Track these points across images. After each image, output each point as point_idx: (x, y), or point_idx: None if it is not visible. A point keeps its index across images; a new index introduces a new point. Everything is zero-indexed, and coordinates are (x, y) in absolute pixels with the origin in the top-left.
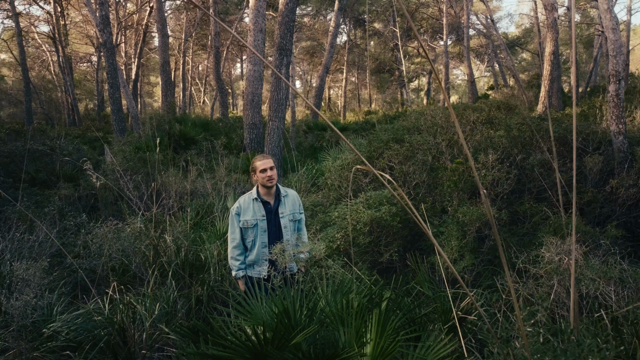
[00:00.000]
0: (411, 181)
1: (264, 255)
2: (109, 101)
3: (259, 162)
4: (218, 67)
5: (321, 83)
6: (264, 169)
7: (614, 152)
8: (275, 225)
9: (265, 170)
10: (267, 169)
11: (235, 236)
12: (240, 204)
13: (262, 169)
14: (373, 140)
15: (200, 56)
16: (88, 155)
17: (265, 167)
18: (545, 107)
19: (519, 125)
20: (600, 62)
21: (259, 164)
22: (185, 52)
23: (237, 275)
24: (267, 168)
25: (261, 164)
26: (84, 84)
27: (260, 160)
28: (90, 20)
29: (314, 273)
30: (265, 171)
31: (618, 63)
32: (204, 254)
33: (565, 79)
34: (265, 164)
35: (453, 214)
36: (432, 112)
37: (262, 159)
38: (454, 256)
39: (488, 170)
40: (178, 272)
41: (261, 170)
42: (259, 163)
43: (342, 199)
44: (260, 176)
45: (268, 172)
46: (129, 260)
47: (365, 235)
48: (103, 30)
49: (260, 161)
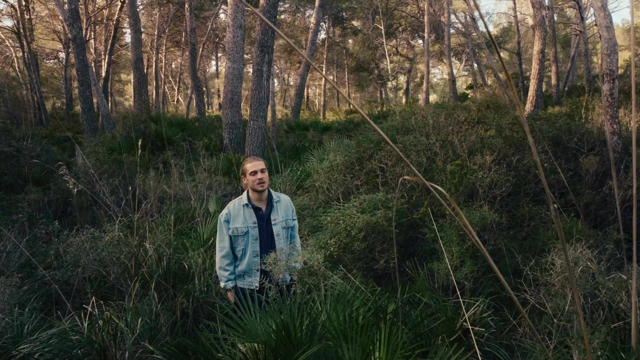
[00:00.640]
0: (405, 183)
1: (255, 265)
2: (78, 99)
3: (249, 164)
4: (194, 64)
5: (302, 81)
6: (255, 172)
7: (609, 153)
8: (267, 232)
9: (255, 173)
10: (257, 172)
11: (224, 245)
12: (230, 210)
13: (252, 171)
14: (362, 141)
15: (173, 53)
16: (58, 156)
17: (255, 170)
18: (534, 106)
19: (511, 125)
20: (576, 61)
21: (249, 166)
22: (158, 49)
23: (227, 286)
24: (257, 170)
25: (251, 166)
26: (50, 81)
27: (250, 163)
28: (57, 14)
29: (311, 283)
30: (256, 174)
31: (612, 62)
32: (188, 262)
33: (544, 78)
34: (255, 166)
35: (451, 218)
36: (424, 112)
37: (253, 161)
38: (455, 262)
39: (485, 171)
40: (160, 282)
41: (251, 172)
42: (249, 165)
43: (330, 202)
44: (251, 179)
45: (259, 175)
46: (107, 271)
47: (360, 242)
48: (72, 25)
49: (251, 163)
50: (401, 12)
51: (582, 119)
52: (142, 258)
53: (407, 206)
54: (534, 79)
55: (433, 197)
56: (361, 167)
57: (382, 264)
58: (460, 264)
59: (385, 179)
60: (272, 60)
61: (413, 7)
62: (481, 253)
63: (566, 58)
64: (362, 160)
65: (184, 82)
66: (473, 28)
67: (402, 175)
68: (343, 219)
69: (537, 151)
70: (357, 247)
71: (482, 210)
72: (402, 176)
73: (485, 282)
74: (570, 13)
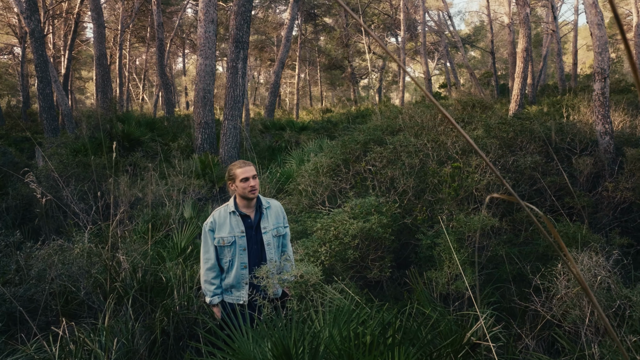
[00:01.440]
0: (397, 187)
1: (243, 278)
2: (36, 97)
3: (239, 169)
4: (162, 60)
5: (276, 79)
6: (246, 178)
7: (600, 153)
8: (257, 242)
9: (247, 180)
10: (249, 178)
11: (209, 256)
12: (215, 218)
13: (243, 177)
14: (348, 142)
15: (137, 49)
16: (16, 158)
17: (247, 176)
18: (518, 105)
19: (499, 124)
20: (547, 61)
21: (240, 171)
22: (122, 45)
23: (212, 301)
24: (249, 177)
25: (242, 172)
26: (5, 78)
27: (240, 168)
28: (11, 6)
29: (308, 299)
30: (247, 180)
31: (603, 60)
32: (165, 274)
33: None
34: (247, 172)
35: (448, 224)
36: (411, 111)
37: (244, 166)
38: (456, 271)
39: (482, 173)
40: (136, 297)
41: (242, 179)
42: (239, 171)
43: (314, 207)
44: (241, 186)
45: (250, 182)
46: (77, 286)
47: (354, 250)
48: (30, 18)
49: (241, 168)
50: (374, 10)
51: (564, 118)
52: (114, 270)
53: (400, 211)
54: (519, 78)
55: (425, 200)
56: (348, 170)
57: (377, 272)
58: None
59: (376, 182)
60: (247, 57)
61: (385, 4)
62: (480, 261)
63: (537, 57)
64: (348, 162)
65: (149, 80)
66: (446, 26)
67: (393, 178)
68: (334, 226)
69: (530, 152)
70: (350, 256)
71: (483, 215)
72: (393, 179)
73: (487, 291)
74: (542, 12)
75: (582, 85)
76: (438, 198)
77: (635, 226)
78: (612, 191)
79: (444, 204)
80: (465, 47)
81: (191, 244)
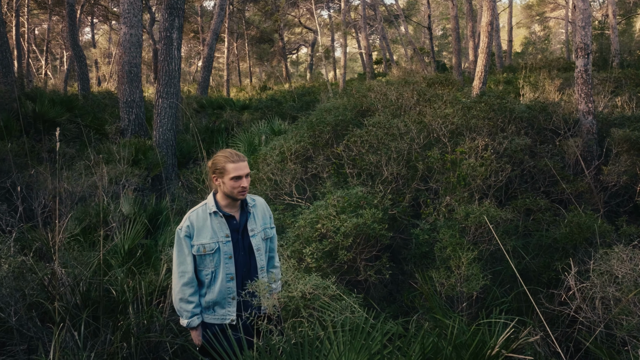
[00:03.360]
0: (382, 175)
1: (230, 293)
2: None
3: (231, 164)
4: (74, 29)
5: (210, 52)
6: (238, 177)
7: (583, 134)
8: (244, 248)
9: (239, 178)
10: (242, 177)
11: (185, 268)
12: (192, 221)
13: (235, 175)
14: (317, 124)
15: (37, 17)
16: None
17: (240, 174)
18: (482, 83)
19: (475, 104)
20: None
21: (232, 167)
22: (18, 11)
23: (191, 323)
24: (242, 175)
25: (235, 168)
26: None
27: (233, 162)
28: None
29: (325, 318)
30: (240, 179)
31: (587, 35)
32: (116, 286)
33: (446, 54)
34: (240, 168)
35: (449, 216)
36: (382, 88)
37: (237, 160)
38: (467, 271)
39: (479, 159)
40: (78, 315)
41: (234, 177)
42: (231, 166)
43: (280, 197)
44: (231, 184)
45: (243, 182)
46: (7, 312)
47: (346, 250)
48: None
49: (234, 163)
50: None
51: (520, 96)
52: (53, 287)
53: (390, 203)
54: (483, 53)
55: (416, 189)
56: (317, 155)
57: (372, 274)
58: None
59: (358, 169)
60: (183, 26)
61: None
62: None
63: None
64: (318, 146)
65: (52, 52)
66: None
67: (379, 165)
68: (322, 222)
69: (515, 134)
70: (342, 257)
71: (487, 206)
72: (378, 166)
73: (494, 292)
74: None
75: (522, 64)
76: (430, 187)
77: (626, 211)
78: (607, 175)
79: (447, 194)
80: (399, 22)
81: (138, 247)
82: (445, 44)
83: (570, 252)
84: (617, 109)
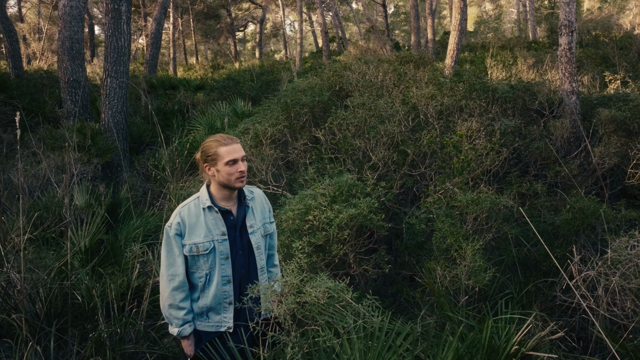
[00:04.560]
0: (370, 160)
1: (226, 297)
2: None
3: (223, 147)
4: (2, 1)
5: (158, 27)
6: (234, 160)
7: (567, 114)
8: (243, 246)
9: (235, 162)
10: (238, 160)
11: (175, 271)
12: (183, 217)
13: (230, 159)
14: (293, 106)
15: None
16: None
17: (235, 157)
18: (454, 61)
19: (453, 83)
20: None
21: (225, 150)
22: None
23: (182, 332)
24: (238, 159)
25: (228, 151)
26: None
27: (225, 145)
28: None
29: (342, 327)
30: (236, 163)
31: (571, 12)
32: (81, 291)
33: (398, 32)
34: (234, 150)
35: (447, 203)
36: (361, 66)
37: (230, 143)
38: (474, 263)
39: (476, 142)
40: (41, 327)
41: (229, 161)
42: (223, 150)
43: (253, 185)
44: (226, 171)
45: (240, 166)
46: None
47: (341, 243)
48: None
49: (227, 146)
50: None
51: (487, 75)
52: (8, 297)
53: (385, 191)
54: (455, 30)
55: (412, 174)
56: (294, 140)
57: (370, 269)
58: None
59: (342, 155)
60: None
61: None
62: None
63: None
64: (294, 130)
65: None
66: None
67: (366, 151)
68: (313, 214)
69: (500, 115)
70: (336, 251)
71: (487, 192)
72: (366, 152)
73: (497, 284)
74: None
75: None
76: (422, 173)
77: (614, 194)
78: (600, 157)
79: (447, 180)
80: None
81: (103, 244)
82: (398, 22)
83: (572, 238)
84: (584, 89)
